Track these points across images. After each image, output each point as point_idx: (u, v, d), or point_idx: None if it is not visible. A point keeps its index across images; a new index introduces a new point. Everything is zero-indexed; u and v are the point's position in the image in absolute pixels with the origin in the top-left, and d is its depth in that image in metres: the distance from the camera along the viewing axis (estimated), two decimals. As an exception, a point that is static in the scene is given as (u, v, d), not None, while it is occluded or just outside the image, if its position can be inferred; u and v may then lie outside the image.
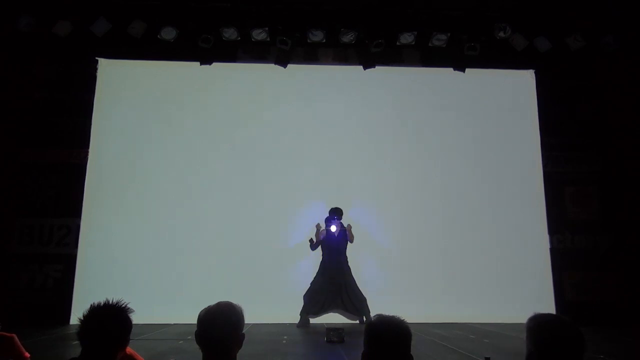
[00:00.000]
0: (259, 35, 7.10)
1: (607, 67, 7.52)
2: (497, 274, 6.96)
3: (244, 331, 1.83)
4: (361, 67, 7.47)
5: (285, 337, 5.42)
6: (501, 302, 6.75)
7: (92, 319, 1.75)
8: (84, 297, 6.38)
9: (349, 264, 6.61)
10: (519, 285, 6.90)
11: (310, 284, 6.54)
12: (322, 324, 6.25)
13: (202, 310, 1.83)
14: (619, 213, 7.25)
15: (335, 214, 6.63)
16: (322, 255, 6.64)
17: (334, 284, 6.48)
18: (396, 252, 7.05)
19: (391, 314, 1.74)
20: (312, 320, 6.51)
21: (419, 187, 7.28)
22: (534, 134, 7.52)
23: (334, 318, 6.67)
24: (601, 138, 7.53)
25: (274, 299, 6.65)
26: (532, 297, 6.77)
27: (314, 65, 7.57)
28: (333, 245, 6.58)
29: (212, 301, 1.86)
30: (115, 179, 7.04)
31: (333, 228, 6.55)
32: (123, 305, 1.82)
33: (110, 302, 1.81)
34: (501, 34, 7.14)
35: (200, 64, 7.30)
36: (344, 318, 6.69)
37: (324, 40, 7.23)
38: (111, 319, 1.76)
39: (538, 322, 1.62)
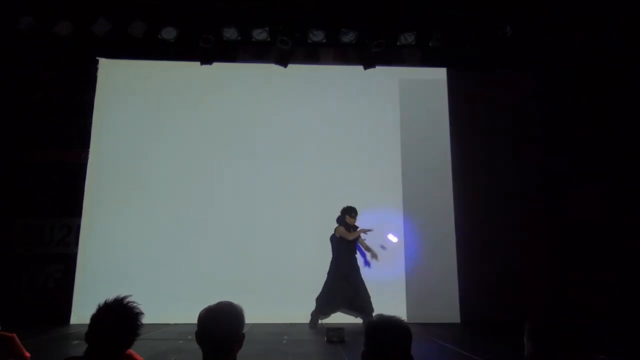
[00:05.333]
0: (260, 35, 7.10)
1: (609, 67, 7.52)
2: (497, 274, 6.95)
3: (244, 331, 1.83)
4: (362, 67, 7.47)
5: (285, 337, 5.42)
6: (501, 302, 6.75)
7: (105, 317, 1.75)
8: (84, 297, 6.40)
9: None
10: (518, 285, 6.89)
11: (324, 285, 6.40)
12: (322, 324, 6.25)
13: (202, 310, 1.83)
14: (620, 213, 7.25)
15: (353, 212, 6.51)
16: (334, 254, 6.48)
17: (347, 284, 6.35)
18: (399, 252, 7.04)
19: (391, 314, 1.74)
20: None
21: (419, 186, 7.27)
22: (534, 134, 7.52)
23: (334, 318, 6.66)
24: (602, 138, 7.53)
25: (274, 299, 6.65)
26: (532, 297, 6.78)
27: (314, 65, 7.57)
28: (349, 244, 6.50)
29: (213, 301, 1.86)
30: (116, 179, 7.04)
31: (394, 239, 6.58)
32: (134, 307, 1.82)
33: (122, 301, 1.81)
34: (501, 34, 7.13)
35: (201, 64, 7.31)
36: (344, 318, 6.68)
37: (325, 40, 7.23)
38: (124, 319, 1.76)
39: (538, 323, 1.62)
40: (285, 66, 7.36)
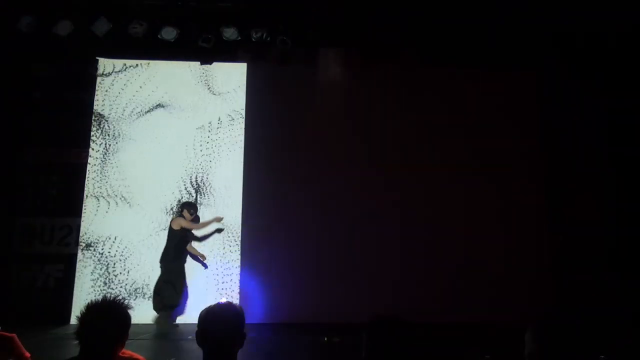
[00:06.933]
0: (259, 35, 7.11)
1: (608, 67, 7.51)
2: (498, 274, 6.95)
3: (244, 331, 1.83)
4: (361, 66, 7.47)
5: (285, 337, 5.43)
6: (501, 302, 6.74)
7: (88, 317, 1.74)
8: (85, 297, 6.38)
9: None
10: (519, 285, 6.89)
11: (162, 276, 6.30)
12: (322, 324, 6.22)
13: (202, 310, 1.84)
14: (620, 213, 7.25)
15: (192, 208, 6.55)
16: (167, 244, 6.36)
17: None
18: (397, 250, 7.03)
19: (393, 314, 1.74)
20: (313, 320, 6.44)
21: (419, 186, 7.26)
22: (534, 134, 7.52)
23: (333, 318, 6.62)
24: (602, 138, 7.53)
25: (273, 299, 6.66)
26: (532, 297, 6.79)
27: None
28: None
29: (213, 301, 1.86)
30: (115, 179, 7.02)
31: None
32: (120, 302, 1.80)
33: (107, 299, 1.80)
34: (501, 33, 7.14)
35: (201, 64, 7.32)
36: (344, 318, 6.62)
37: (324, 40, 7.22)
38: (108, 317, 1.74)
39: (539, 322, 1.62)
40: (286, 66, 7.37)
